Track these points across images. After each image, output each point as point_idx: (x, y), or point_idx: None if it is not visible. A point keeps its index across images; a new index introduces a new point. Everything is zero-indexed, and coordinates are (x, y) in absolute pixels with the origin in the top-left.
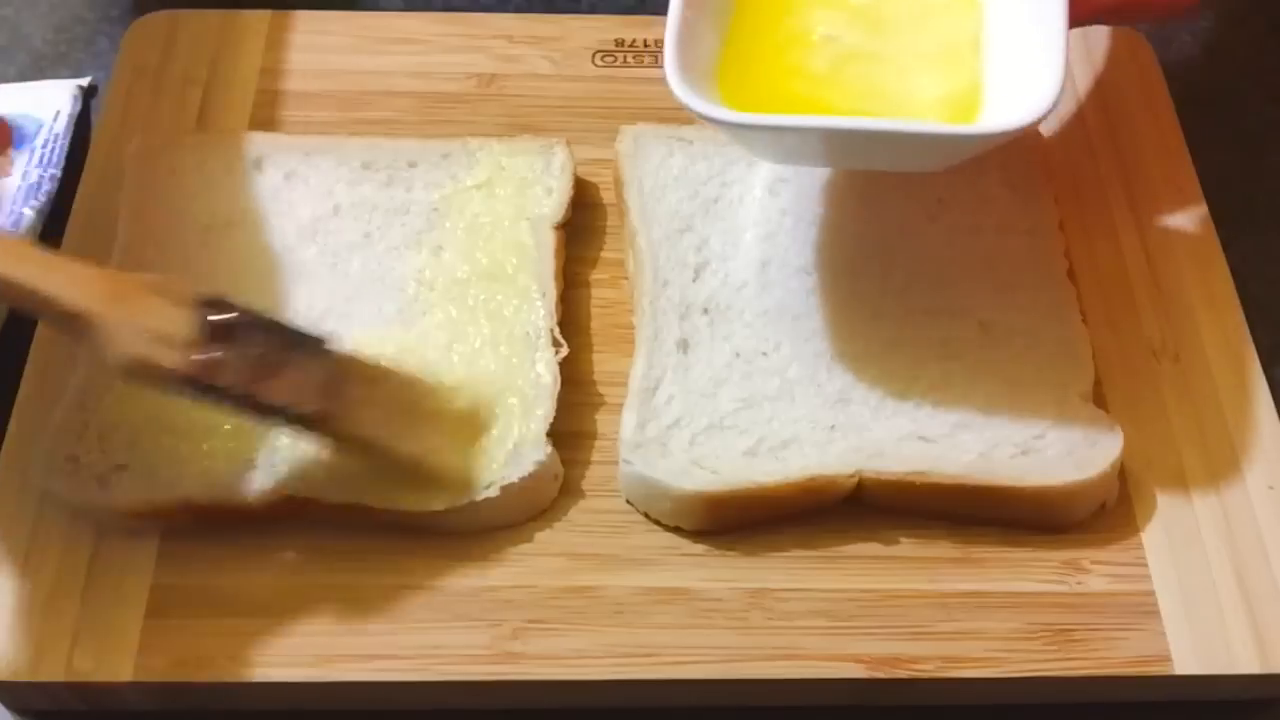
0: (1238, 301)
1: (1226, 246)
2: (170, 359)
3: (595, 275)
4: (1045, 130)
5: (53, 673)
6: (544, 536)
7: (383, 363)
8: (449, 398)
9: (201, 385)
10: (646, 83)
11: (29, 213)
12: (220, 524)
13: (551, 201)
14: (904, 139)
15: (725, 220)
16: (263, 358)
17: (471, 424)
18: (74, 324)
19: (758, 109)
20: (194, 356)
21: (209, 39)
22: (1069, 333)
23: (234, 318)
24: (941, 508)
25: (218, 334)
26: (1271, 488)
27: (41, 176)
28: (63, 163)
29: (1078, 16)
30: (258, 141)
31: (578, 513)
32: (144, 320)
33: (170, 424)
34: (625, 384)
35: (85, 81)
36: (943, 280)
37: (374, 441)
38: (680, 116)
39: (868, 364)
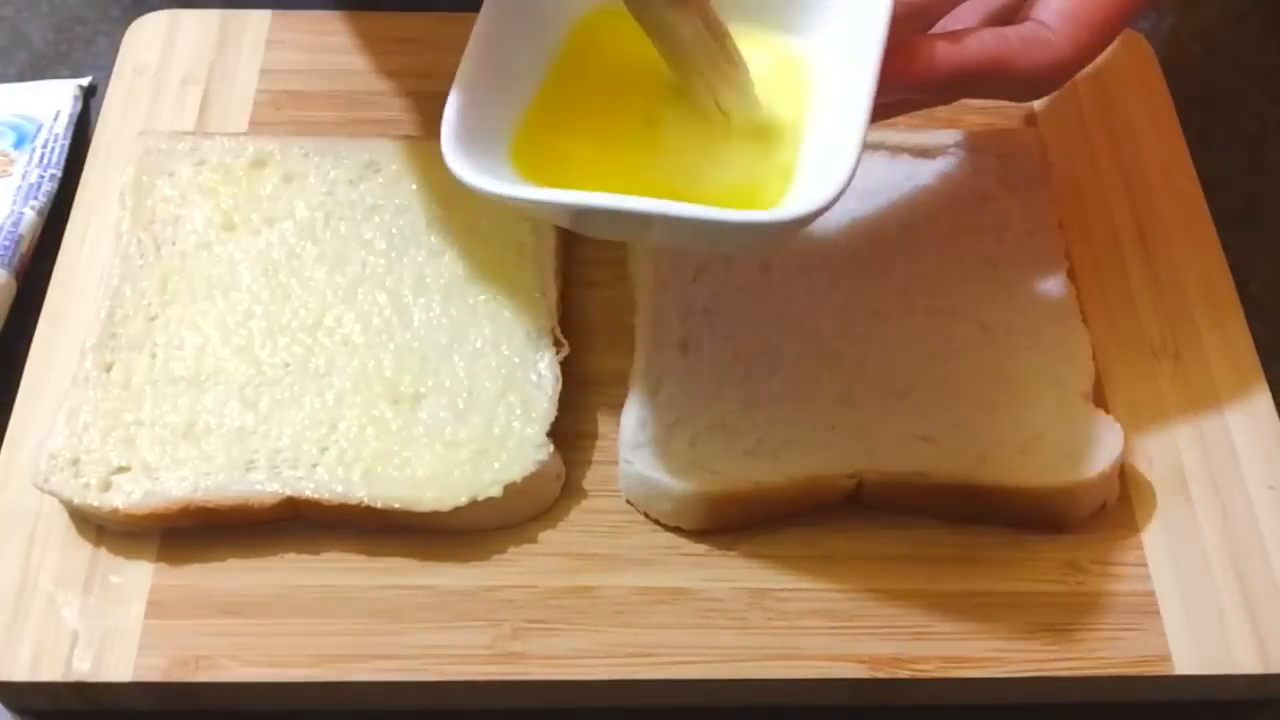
0: (1238, 301)
1: (1226, 247)
2: None
3: (595, 275)
4: (1046, 130)
5: (53, 673)
6: (545, 536)
7: None
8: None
9: None
10: None
11: (29, 213)
12: (220, 524)
13: None
14: (681, 223)
15: None
16: None
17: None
18: None
19: (548, 182)
20: None
21: (209, 39)
22: (1069, 333)
23: None
24: (942, 508)
25: None
26: (1271, 488)
27: (41, 176)
28: (63, 163)
29: (914, 85)
30: (258, 141)
31: (578, 513)
32: None
33: (170, 424)
34: (625, 384)
35: (85, 81)
36: (943, 280)
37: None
38: None
39: (868, 364)
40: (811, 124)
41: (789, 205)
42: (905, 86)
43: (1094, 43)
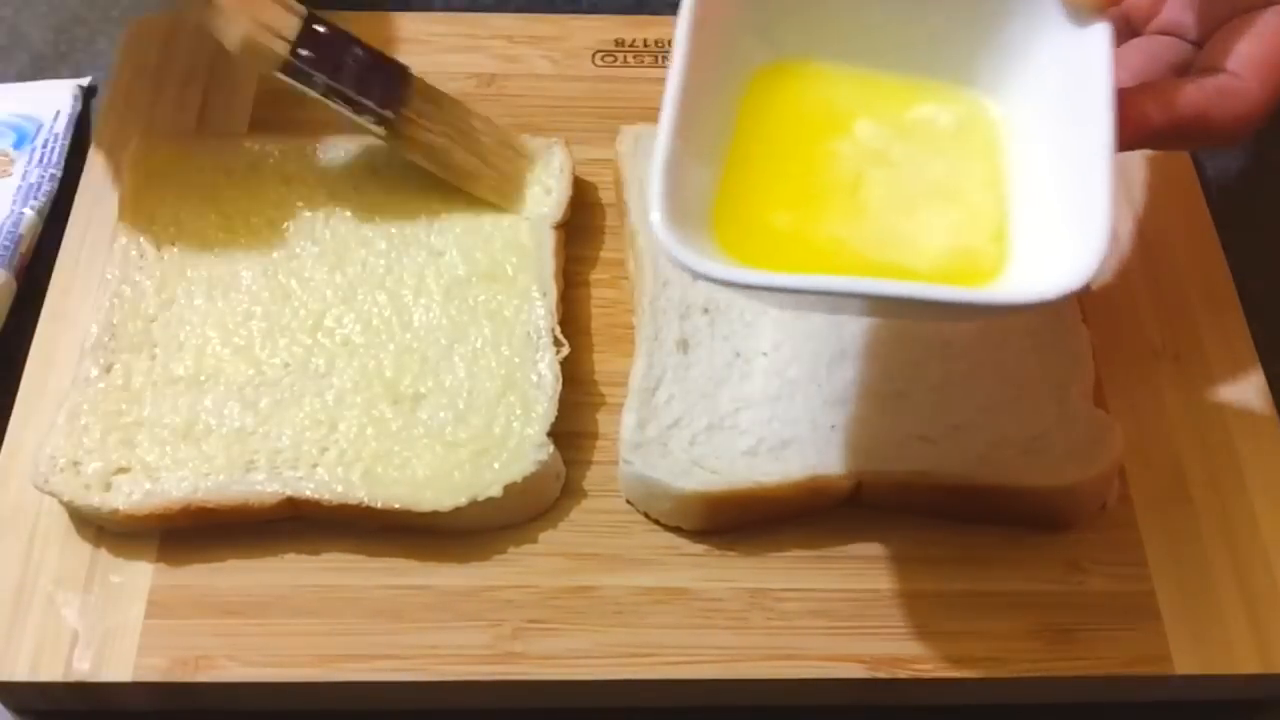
0: (1238, 301)
1: (1226, 247)
2: (275, 46)
3: (595, 275)
4: None
5: (53, 673)
6: (545, 536)
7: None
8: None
9: (294, 70)
10: (646, 83)
11: (29, 213)
12: (220, 524)
13: (551, 201)
14: (923, 305)
15: None
16: (349, 64)
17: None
18: (203, 4)
19: (757, 255)
20: (296, 50)
21: (209, 39)
22: (1069, 333)
23: (329, 31)
24: (942, 508)
25: (314, 38)
26: (1271, 488)
27: (41, 176)
28: (63, 163)
29: (1126, 141)
30: (257, 142)
31: (578, 513)
32: (259, 12)
33: (170, 425)
34: (625, 384)
35: (85, 81)
36: None
37: (434, 148)
38: None
39: (868, 364)
40: (1017, 184)
41: (1044, 279)
42: (1122, 142)
43: None
